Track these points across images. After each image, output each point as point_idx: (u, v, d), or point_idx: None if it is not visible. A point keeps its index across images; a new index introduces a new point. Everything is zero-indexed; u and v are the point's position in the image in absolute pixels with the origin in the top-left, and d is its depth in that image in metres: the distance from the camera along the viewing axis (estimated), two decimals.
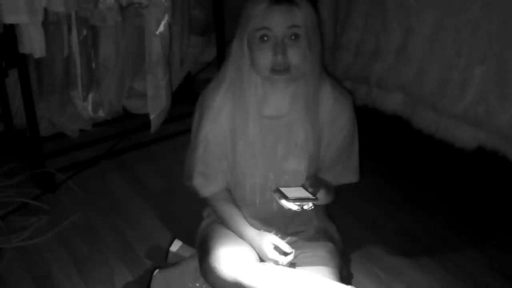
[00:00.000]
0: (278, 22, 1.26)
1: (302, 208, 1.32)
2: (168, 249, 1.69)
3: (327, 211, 1.64)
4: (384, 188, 2.19)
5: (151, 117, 2.37)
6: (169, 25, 2.27)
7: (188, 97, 2.60)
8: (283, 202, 1.31)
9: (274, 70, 1.29)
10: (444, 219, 2.01)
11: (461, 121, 1.86)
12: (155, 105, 2.36)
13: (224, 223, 1.48)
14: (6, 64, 2.23)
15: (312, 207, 1.33)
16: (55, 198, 2.13)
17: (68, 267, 1.79)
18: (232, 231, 1.45)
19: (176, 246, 1.69)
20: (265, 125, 1.39)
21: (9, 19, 1.89)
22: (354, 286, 1.38)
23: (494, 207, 2.03)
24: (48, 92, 2.38)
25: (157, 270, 1.55)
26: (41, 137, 2.24)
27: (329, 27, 2.26)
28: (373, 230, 1.96)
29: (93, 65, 2.48)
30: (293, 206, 1.31)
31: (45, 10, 1.99)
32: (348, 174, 1.52)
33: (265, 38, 1.28)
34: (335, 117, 1.42)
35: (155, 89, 2.34)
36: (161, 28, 2.22)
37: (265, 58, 1.28)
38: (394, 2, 1.99)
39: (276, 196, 1.33)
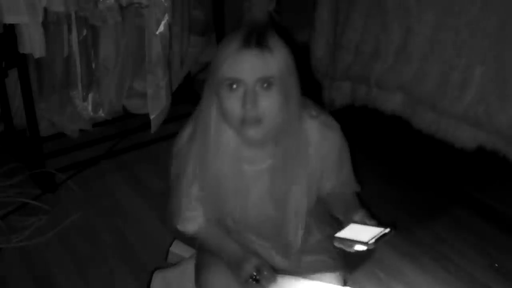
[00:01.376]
0: (247, 72, 1.11)
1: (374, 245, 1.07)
2: (168, 249, 1.69)
3: (329, 219, 1.61)
4: (384, 188, 2.19)
5: (151, 117, 2.37)
6: (169, 25, 2.27)
7: (188, 97, 2.60)
8: (356, 247, 1.08)
9: (243, 122, 1.14)
10: (444, 219, 2.01)
11: (461, 121, 1.86)
12: (155, 105, 2.36)
13: (212, 250, 1.37)
14: (6, 64, 2.23)
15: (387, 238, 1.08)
16: (55, 198, 2.13)
17: (68, 267, 1.79)
18: (216, 251, 1.34)
19: (176, 246, 1.68)
20: (247, 176, 1.28)
21: (9, 19, 1.89)
22: (352, 286, 1.37)
23: (494, 207, 2.03)
24: (48, 92, 2.38)
25: (156, 270, 1.55)
26: (41, 137, 2.24)
27: (329, 28, 2.27)
28: None
29: (93, 65, 2.48)
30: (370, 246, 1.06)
31: (45, 10, 1.99)
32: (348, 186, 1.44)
33: (234, 87, 1.13)
34: (325, 152, 1.31)
35: (155, 89, 2.34)
36: (161, 28, 2.22)
37: (234, 108, 1.13)
38: (394, 2, 1.99)
39: (341, 245, 1.11)
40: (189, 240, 1.62)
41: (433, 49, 1.90)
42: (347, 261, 1.55)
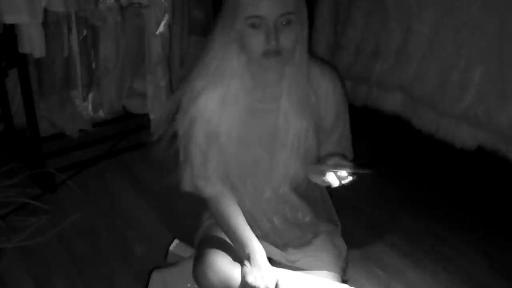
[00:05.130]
0: (270, 10, 1.21)
1: (341, 182, 1.23)
2: (168, 249, 1.69)
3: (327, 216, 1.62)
4: (384, 188, 2.19)
5: (151, 117, 2.37)
6: (169, 25, 2.27)
7: None
8: (329, 174, 1.23)
9: (265, 54, 1.24)
10: (444, 219, 2.01)
11: (461, 121, 1.86)
12: (155, 105, 2.36)
13: (224, 225, 1.41)
14: (6, 64, 2.23)
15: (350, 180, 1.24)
16: (55, 198, 2.13)
17: (68, 267, 1.79)
18: (231, 232, 1.39)
19: (175, 246, 1.69)
20: (255, 112, 1.36)
21: (9, 19, 1.89)
22: (351, 286, 1.37)
23: (494, 207, 2.03)
24: (48, 92, 2.38)
25: (155, 270, 1.54)
26: (41, 137, 2.23)
27: (329, 27, 2.27)
28: (372, 230, 1.96)
29: (93, 65, 2.48)
30: (334, 181, 1.23)
31: (45, 10, 1.99)
32: (344, 148, 1.48)
33: (257, 23, 1.22)
34: (327, 94, 1.40)
35: (155, 89, 2.34)
36: (161, 28, 2.22)
37: (258, 44, 1.23)
38: (394, 1, 1.99)
39: (315, 170, 1.27)
40: (189, 239, 1.62)
41: (433, 49, 1.90)
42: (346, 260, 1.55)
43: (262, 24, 1.23)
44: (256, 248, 1.32)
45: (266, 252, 1.34)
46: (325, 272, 1.39)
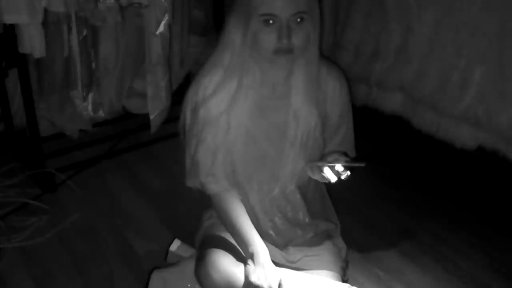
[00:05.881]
0: (283, 9, 1.22)
1: (339, 178, 1.25)
2: (168, 249, 1.69)
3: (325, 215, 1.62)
4: (384, 188, 2.19)
5: (151, 117, 2.37)
6: (169, 25, 2.27)
7: None
8: (326, 169, 1.25)
9: (277, 51, 1.26)
10: (444, 219, 2.01)
11: (461, 121, 1.86)
12: (155, 105, 2.36)
13: (227, 223, 1.41)
14: (6, 64, 2.23)
15: (348, 175, 1.26)
16: (55, 198, 2.13)
17: (68, 267, 1.79)
18: (234, 230, 1.39)
19: (176, 246, 1.69)
20: (263, 109, 1.37)
21: (9, 19, 1.89)
22: (352, 286, 1.38)
23: (494, 207, 2.03)
24: (48, 92, 2.38)
25: (155, 270, 1.54)
26: (41, 137, 2.23)
27: (329, 27, 2.27)
28: (372, 231, 1.96)
29: (93, 65, 2.48)
30: (332, 176, 1.25)
31: (45, 10, 1.99)
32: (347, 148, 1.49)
33: (270, 22, 1.24)
34: (334, 94, 1.42)
35: (155, 89, 2.34)
36: (161, 28, 2.22)
37: (270, 41, 1.25)
38: (394, 2, 1.99)
39: (313, 166, 1.30)
40: (190, 240, 1.62)
41: (433, 49, 1.90)
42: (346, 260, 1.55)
43: (275, 21, 1.24)
44: (260, 247, 1.32)
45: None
46: (325, 272, 1.40)
